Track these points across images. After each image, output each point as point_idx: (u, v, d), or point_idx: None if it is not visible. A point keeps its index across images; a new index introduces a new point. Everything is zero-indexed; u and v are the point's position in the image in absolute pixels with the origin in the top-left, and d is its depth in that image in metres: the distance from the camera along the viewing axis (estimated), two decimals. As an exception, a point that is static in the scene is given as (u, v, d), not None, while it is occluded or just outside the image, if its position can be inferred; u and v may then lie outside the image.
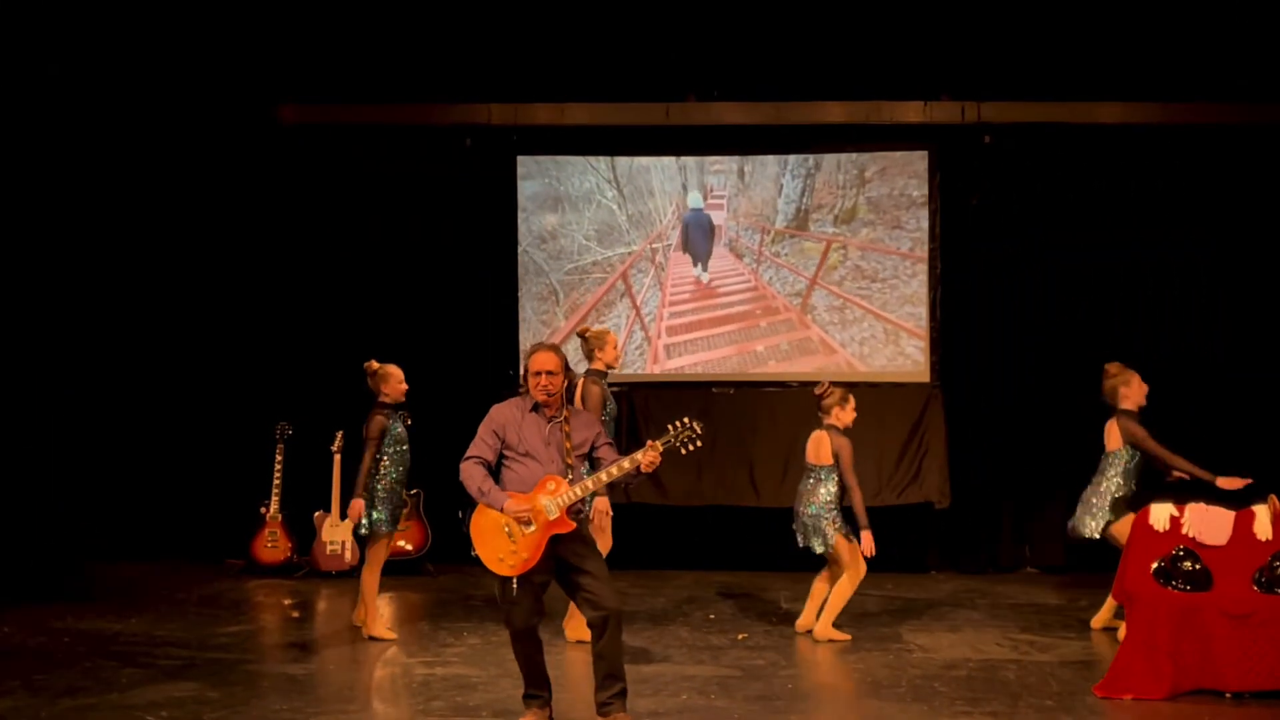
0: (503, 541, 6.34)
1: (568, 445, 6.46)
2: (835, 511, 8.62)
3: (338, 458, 10.80)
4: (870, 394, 11.31)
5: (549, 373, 6.48)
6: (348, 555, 10.84)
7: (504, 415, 6.57)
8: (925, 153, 11.40)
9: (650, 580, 10.75)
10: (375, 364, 8.81)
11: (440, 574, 10.98)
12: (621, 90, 11.25)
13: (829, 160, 11.48)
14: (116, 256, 11.45)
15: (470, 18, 10.92)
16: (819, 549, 8.66)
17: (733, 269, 11.56)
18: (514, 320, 11.61)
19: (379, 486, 8.57)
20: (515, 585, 6.35)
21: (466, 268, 11.61)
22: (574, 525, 6.36)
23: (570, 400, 6.90)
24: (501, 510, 6.33)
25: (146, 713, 6.76)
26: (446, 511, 11.16)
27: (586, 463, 6.62)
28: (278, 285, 11.62)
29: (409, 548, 10.95)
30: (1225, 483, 8.33)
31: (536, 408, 6.53)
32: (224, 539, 11.36)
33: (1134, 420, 8.71)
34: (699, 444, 6.45)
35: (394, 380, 8.74)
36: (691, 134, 11.43)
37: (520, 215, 11.63)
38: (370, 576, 8.58)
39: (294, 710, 6.86)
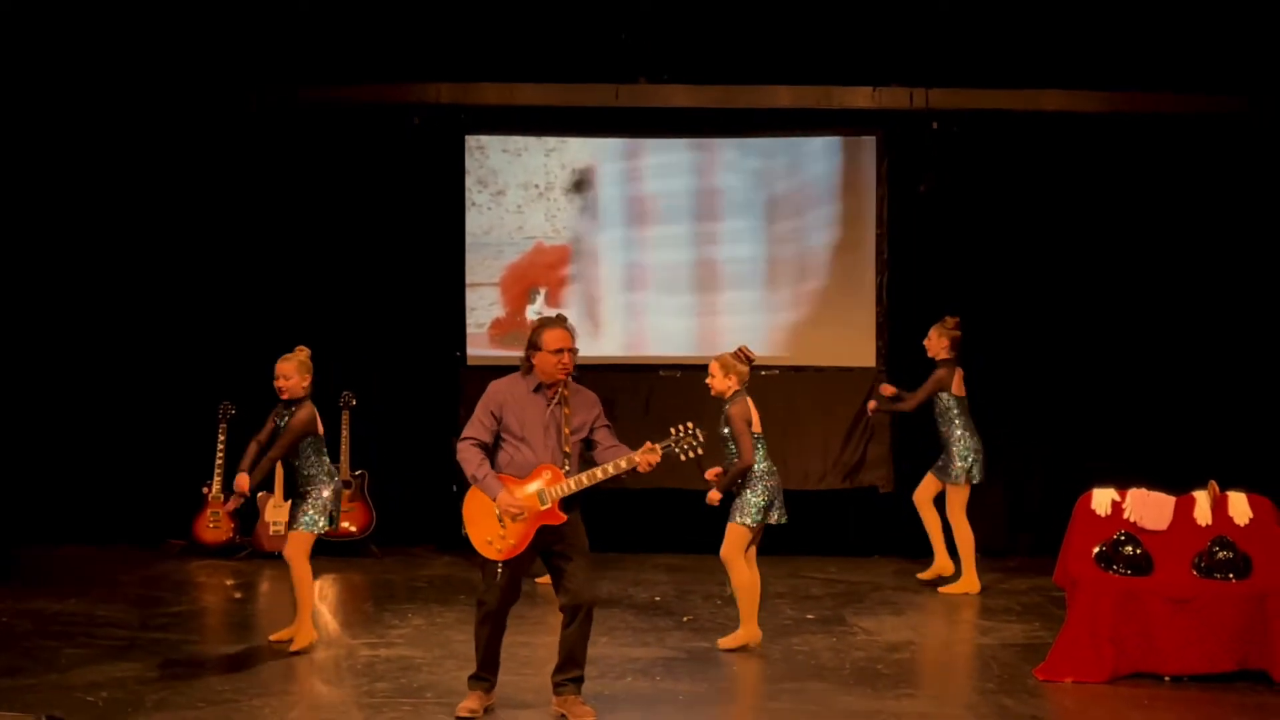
0: (493, 526, 6.30)
1: (566, 430, 6.33)
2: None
3: (281, 438, 10.68)
4: (816, 379, 11.40)
5: (572, 350, 6.36)
6: (290, 536, 10.75)
7: (503, 394, 6.38)
8: (873, 138, 11.45)
9: (595, 563, 10.69)
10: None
11: (385, 556, 10.92)
12: (571, 71, 11.19)
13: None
14: (50, 237, 11.27)
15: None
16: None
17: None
18: (461, 301, 11.54)
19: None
20: (500, 570, 6.33)
21: (413, 247, 11.51)
22: (565, 518, 6.30)
23: None
24: (495, 500, 6.25)
25: (87, 693, 6.70)
26: (391, 494, 11.11)
27: (583, 444, 6.48)
28: (221, 264, 11.47)
29: (354, 529, 10.88)
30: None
31: (539, 388, 6.37)
32: (165, 519, 11.23)
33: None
34: (700, 451, 6.33)
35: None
36: (640, 115, 11.38)
37: (468, 194, 11.56)
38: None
39: (236, 690, 6.82)
